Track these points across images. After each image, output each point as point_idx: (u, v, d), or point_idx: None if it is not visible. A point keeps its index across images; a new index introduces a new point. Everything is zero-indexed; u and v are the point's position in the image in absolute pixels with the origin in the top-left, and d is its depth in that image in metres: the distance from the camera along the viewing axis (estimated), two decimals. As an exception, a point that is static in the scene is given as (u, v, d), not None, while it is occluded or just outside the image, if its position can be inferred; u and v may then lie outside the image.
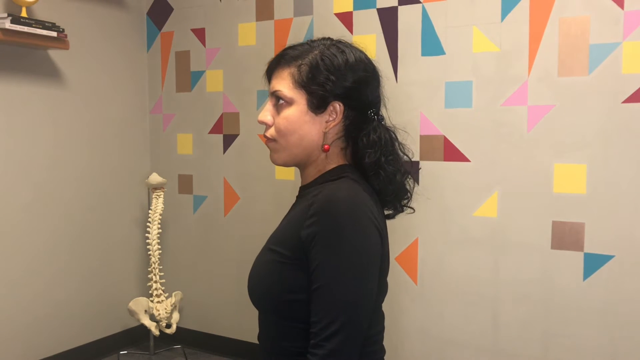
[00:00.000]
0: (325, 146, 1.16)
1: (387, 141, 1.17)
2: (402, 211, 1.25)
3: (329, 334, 1.03)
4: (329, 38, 1.21)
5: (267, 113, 1.19)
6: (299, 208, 1.13)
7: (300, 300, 1.08)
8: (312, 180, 1.19)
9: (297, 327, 1.09)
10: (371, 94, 1.18)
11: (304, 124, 1.15)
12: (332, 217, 1.05)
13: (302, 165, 1.21)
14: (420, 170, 2.68)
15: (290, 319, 1.10)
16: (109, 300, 3.31)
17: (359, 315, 1.05)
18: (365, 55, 1.20)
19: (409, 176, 1.22)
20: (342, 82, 1.14)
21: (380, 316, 1.22)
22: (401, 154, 1.21)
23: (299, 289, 1.08)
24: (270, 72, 1.20)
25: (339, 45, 1.17)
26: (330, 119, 1.16)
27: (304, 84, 1.14)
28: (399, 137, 1.21)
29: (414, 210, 1.25)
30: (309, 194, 1.13)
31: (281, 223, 1.19)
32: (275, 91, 1.17)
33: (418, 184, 2.66)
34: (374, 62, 1.20)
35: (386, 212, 1.24)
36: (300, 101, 1.15)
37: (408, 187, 1.22)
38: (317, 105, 1.14)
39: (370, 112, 1.18)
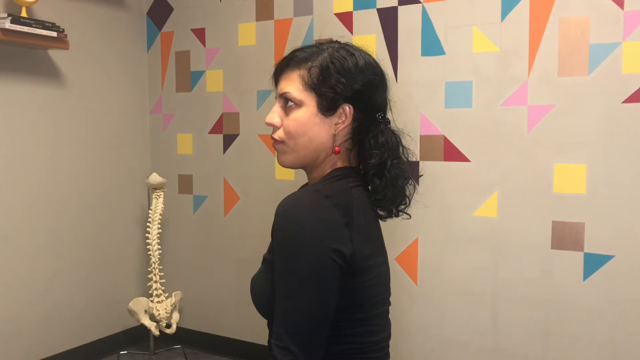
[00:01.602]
0: (336, 148, 1.16)
1: (394, 144, 1.18)
2: (397, 216, 1.24)
3: (279, 345, 1.04)
4: (336, 41, 1.21)
5: (275, 115, 1.18)
6: None
7: None
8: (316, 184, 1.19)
9: None
10: (379, 97, 1.19)
11: (314, 126, 1.15)
12: (281, 228, 1.07)
13: (309, 167, 1.21)
14: (420, 171, 2.68)
15: None
16: (109, 300, 3.31)
17: (306, 327, 1.04)
18: (374, 59, 1.20)
19: (410, 182, 1.22)
20: (352, 84, 1.14)
21: (385, 323, 1.21)
22: (404, 158, 1.21)
23: None
24: (278, 74, 1.20)
25: (348, 48, 1.18)
26: (340, 121, 1.16)
27: (315, 86, 1.14)
28: (403, 141, 1.22)
29: (410, 216, 1.25)
30: None
31: None
32: (285, 93, 1.16)
33: (419, 185, 2.66)
34: (381, 66, 1.21)
35: (379, 213, 1.24)
36: (310, 103, 1.14)
37: (407, 192, 1.22)
38: (327, 107, 1.14)
39: (378, 115, 1.18)
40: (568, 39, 2.39)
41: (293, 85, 1.15)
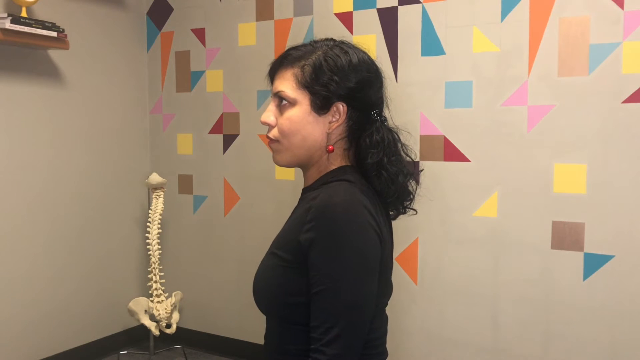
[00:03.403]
0: (330, 147, 1.16)
1: (390, 142, 1.17)
2: (405, 212, 1.24)
3: (329, 338, 1.03)
4: (331, 39, 1.20)
5: (269, 114, 1.18)
6: (299, 212, 1.13)
7: (303, 303, 1.08)
8: (313, 182, 1.19)
9: (301, 329, 1.09)
10: (374, 95, 1.18)
11: (307, 125, 1.15)
12: (329, 221, 1.05)
13: (304, 166, 1.20)
14: (422, 172, 2.67)
15: (294, 322, 1.10)
16: (109, 300, 3.31)
17: (359, 319, 1.05)
18: (369, 56, 1.19)
19: (412, 177, 1.22)
20: (346, 82, 1.14)
21: (383, 319, 1.21)
22: (404, 155, 1.20)
23: (301, 292, 1.08)
24: (273, 72, 1.20)
25: (342, 46, 1.17)
26: (334, 119, 1.15)
27: (308, 84, 1.13)
28: (401, 138, 1.21)
29: (417, 212, 1.25)
30: (309, 197, 1.13)
31: (284, 226, 1.18)
32: (279, 92, 1.16)
33: (420, 185, 2.65)
34: (376, 63, 1.20)
35: (390, 213, 1.24)
36: (303, 102, 1.14)
37: (410, 188, 1.22)
38: (321, 105, 1.14)
39: (374, 113, 1.17)
40: (568, 39, 2.39)
41: (287, 84, 1.15)
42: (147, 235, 3.14)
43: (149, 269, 3.14)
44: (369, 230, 1.07)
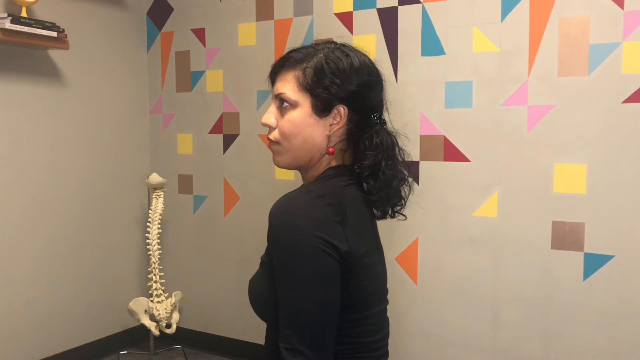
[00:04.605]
0: (330, 149, 1.16)
1: (389, 145, 1.18)
2: (393, 217, 1.24)
3: (287, 348, 1.04)
4: (333, 41, 1.20)
5: (270, 115, 1.18)
6: None
7: None
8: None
9: None
10: (375, 98, 1.18)
11: (308, 127, 1.15)
12: (274, 231, 1.07)
13: (304, 168, 1.21)
14: (420, 171, 2.67)
15: None
16: (109, 300, 3.31)
17: (310, 327, 1.05)
18: (370, 60, 1.20)
19: (406, 183, 1.22)
20: (347, 85, 1.14)
21: (383, 321, 1.21)
22: (400, 159, 1.21)
23: None
24: (274, 74, 1.20)
25: (344, 49, 1.17)
26: (335, 122, 1.15)
27: (309, 87, 1.14)
28: (399, 142, 1.21)
29: (406, 217, 1.25)
30: None
31: None
32: (280, 94, 1.16)
33: (418, 185, 2.66)
34: (377, 67, 1.20)
35: (374, 212, 1.23)
36: (304, 104, 1.14)
37: (403, 194, 1.22)
38: (322, 108, 1.14)
39: (374, 116, 1.18)
40: (568, 39, 2.39)
41: (288, 86, 1.15)
42: (147, 235, 3.14)
43: (149, 269, 3.14)
44: (311, 238, 1.04)
